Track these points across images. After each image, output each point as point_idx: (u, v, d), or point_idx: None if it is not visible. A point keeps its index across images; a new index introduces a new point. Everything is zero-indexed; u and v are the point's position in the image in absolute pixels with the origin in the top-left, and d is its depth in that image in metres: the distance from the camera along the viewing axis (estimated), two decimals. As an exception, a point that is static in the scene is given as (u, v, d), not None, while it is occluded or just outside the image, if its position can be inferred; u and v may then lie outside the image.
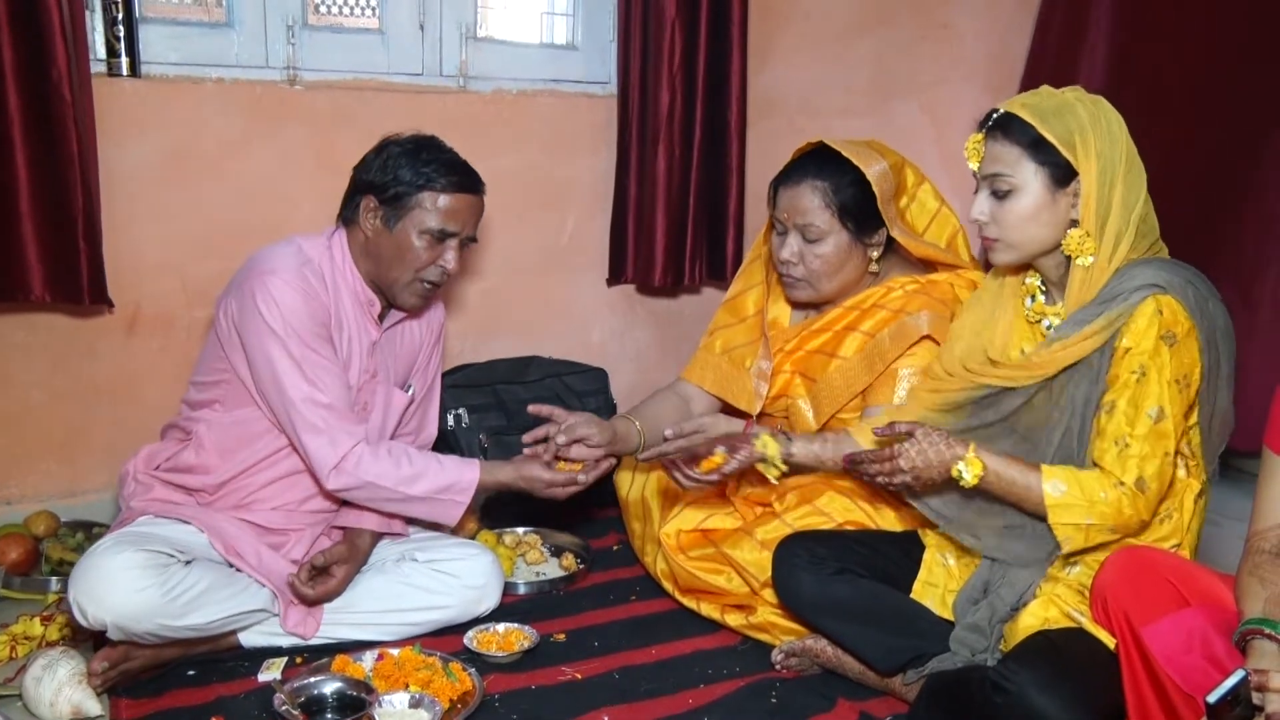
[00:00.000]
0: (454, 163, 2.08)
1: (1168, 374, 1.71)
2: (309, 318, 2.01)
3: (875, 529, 2.13)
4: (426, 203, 2.04)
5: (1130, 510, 1.72)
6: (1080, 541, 1.74)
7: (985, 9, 3.38)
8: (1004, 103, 1.82)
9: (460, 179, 2.07)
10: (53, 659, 1.85)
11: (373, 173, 2.07)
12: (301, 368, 1.99)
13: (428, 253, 2.07)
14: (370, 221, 2.07)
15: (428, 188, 2.04)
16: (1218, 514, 2.07)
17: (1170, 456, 1.74)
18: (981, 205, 1.83)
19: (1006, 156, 1.78)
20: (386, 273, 2.09)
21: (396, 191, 2.04)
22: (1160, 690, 1.51)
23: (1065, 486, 1.74)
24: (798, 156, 2.25)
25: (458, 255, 2.10)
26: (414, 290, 2.11)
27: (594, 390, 2.96)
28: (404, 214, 2.05)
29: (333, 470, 2.01)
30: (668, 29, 2.82)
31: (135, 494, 2.11)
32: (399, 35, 2.77)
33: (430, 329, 2.32)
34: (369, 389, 2.17)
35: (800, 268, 2.21)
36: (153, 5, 2.53)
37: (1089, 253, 1.77)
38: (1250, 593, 1.51)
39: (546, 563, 2.55)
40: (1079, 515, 1.73)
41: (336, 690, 1.84)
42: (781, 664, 2.10)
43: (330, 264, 2.10)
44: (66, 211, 2.29)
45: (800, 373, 2.31)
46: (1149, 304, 1.71)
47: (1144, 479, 1.72)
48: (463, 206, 2.07)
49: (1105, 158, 1.74)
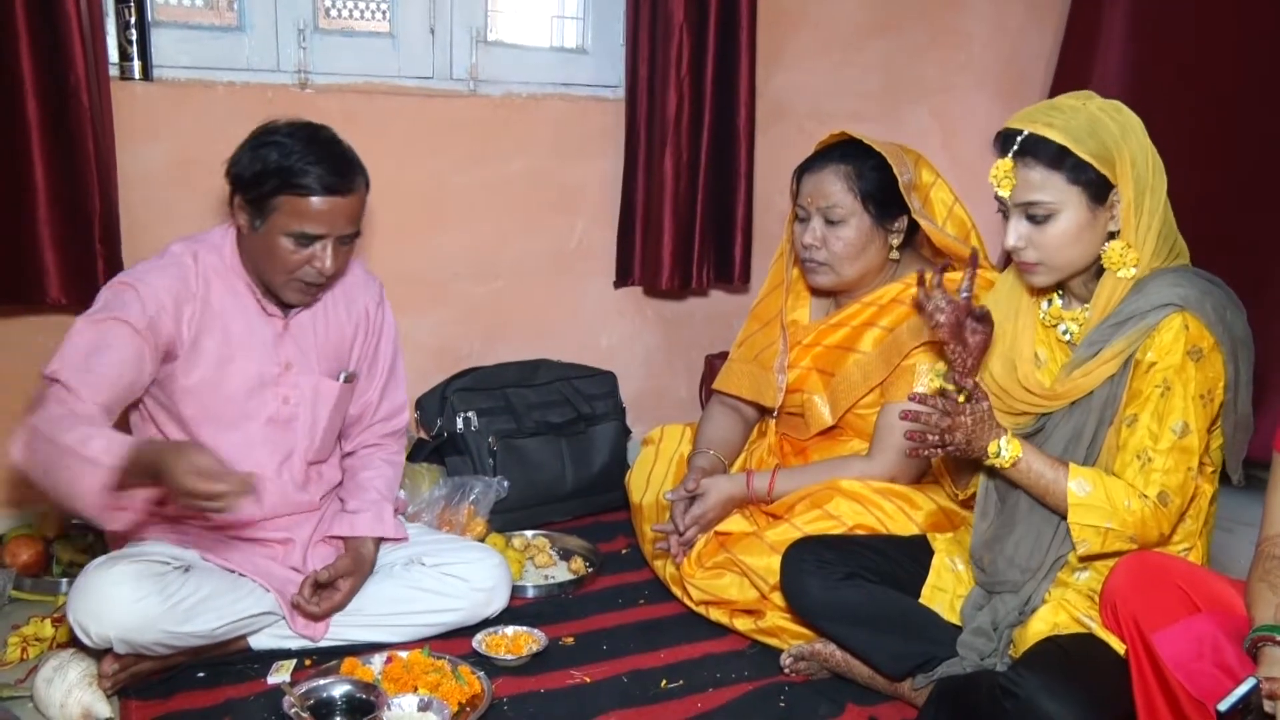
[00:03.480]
0: (322, 158, 1.89)
1: (1193, 389, 1.69)
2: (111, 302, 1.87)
3: (884, 534, 2.13)
4: (288, 206, 1.88)
5: (1152, 523, 1.71)
6: (1096, 545, 1.73)
7: (995, 15, 3.38)
8: (1021, 121, 1.73)
9: (327, 178, 1.88)
10: (63, 660, 1.86)
11: (241, 168, 1.92)
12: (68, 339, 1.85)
13: (295, 255, 1.92)
14: (240, 219, 1.94)
15: (288, 189, 1.87)
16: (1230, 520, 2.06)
17: (1193, 472, 1.72)
18: (1018, 230, 1.75)
19: (1042, 182, 1.71)
20: (262, 272, 1.98)
21: (261, 191, 1.89)
22: (1170, 697, 1.50)
23: (1091, 488, 1.72)
24: (821, 148, 2.29)
25: (335, 254, 1.94)
26: (293, 288, 1.98)
27: (603, 394, 2.96)
28: (268, 214, 1.90)
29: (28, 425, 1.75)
30: (675, 33, 2.83)
31: None
32: (409, 39, 2.78)
33: (361, 315, 2.18)
34: (287, 381, 2.07)
35: (823, 251, 2.24)
36: (165, 9, 2.55)
37: (1131, 264, 1.74)
38: (1261, 599, 1.50)
39: (555, 566, 2.55)
40: (1100, 518, 1.71)
41: (345, 693, 1.85)
42: (790, 668, 2.10)
43: (219, 260, 2.01)
44: (84, 215, 2.30)
45: (818, 368, 2.33)
46: (1174, 319, 1.69)
47: (1167, 493, 1.70)
48: (330, 208, 1.89)
49: (1139, 166, 1.71)
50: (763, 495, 2.26)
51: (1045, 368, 1.87)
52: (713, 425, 2.48)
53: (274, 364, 2.06)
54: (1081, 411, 1.80)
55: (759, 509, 2.30)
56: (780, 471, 2.28)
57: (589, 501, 2.85)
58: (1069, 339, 1.85)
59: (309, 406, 2.11)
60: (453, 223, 2.83)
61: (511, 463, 2.74)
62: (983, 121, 3.36)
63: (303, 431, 2.12)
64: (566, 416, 2.85)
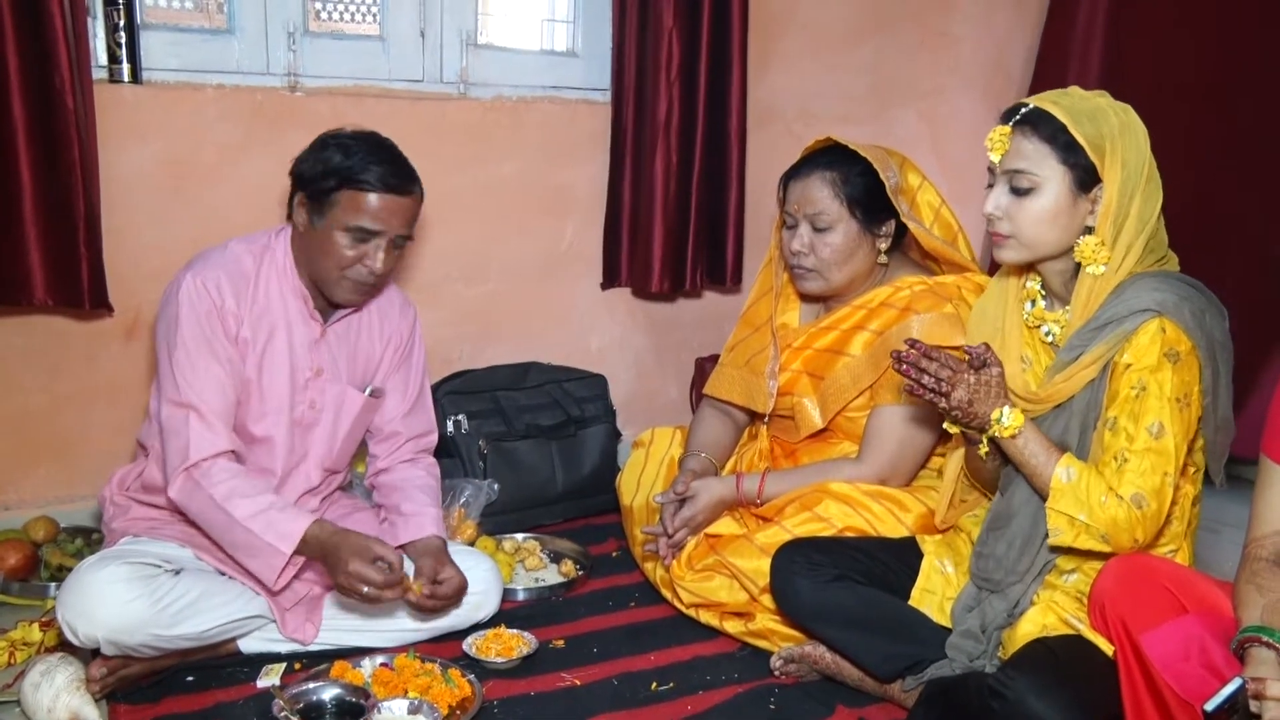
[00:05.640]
0: (384, 160, 2.00)
1: (1169, 390, 1.69)
2: (196, 322, 1.98)
3: (874, 536, 2.14)
4: (349, 201, 1.98)
5: (1125, 525, 1.68)
6: (1068, 536, 1.72)
7: (983, 17, 3.39)
8: (1033, 98, 1.77)
9: (388, 178, 1.99)
10: (51, 665, 1.85)
11: (305, 167, 2.02)
12: (174, 371, 1.96)
13: (351, 251, 2.00)
14: (300, 217, 2.03)
15: (350, 185, 1.97)
16: (1216, 521, 2.08)
17: (1170, 477, 1.70)
18: (998, 199, 1.77)
19: (1033, 153, 1.73)
20: (316, 269, 2.05)
21: (322, 187, 1.98)
22: (1158, 698, 1.51)
23: (1075, 477, 1.72)
24: (808, 153, 2.29)
25: (387, 256, 2.02)
26: (344, 287, 2.05)
27: (593, 397, 2.96)
28: (327, 210, 1.99)
29: (182, 473, 1.93)
30: (664, 38, 2.83)
31: (114, 516, 2.11)
32: (400, 42, 2.77)
33: (396, 332, 2.26)
34: (315, 387, 2.13)
35: (811, 258, 2.25)
36: (154, 11, 2.54)
37: (1102, 261, 1.75)
38: (1248, 600, 1.51)
39: (546, 569, 2.55)
40: (1074, 508, 1.71)
41: (335, 696, 1.84)
42: (780, 670, 2.10)
43: (270, 262, 2.08)
44: (68, 217, 2.30)
45: (808, 371, 2.33)
46: (1151, 324, 1.70)
47: (1141, 495, 1.68)
48: (388, 206, 1.99)
49: (1130, 168, 1.72)
50: (752, 498, 2.27)
51: (1031, 370, 1.88)
52: (704, 428, 2.48)
53: (307, 367, 2.12)
54: (1065, 416, 1.81)
55: (749, 511, 2.31)
56: (770, 474, 2.29)
57: (579, 504, 2.85)
58: (1051, 341, 1.86)
59: (332, 413, 2.17)
60: (443, 225, 2.83)
61: (502, 465, 2.74)
62: (971, 123, 3.38)
63: (323, 437, 2.15)
64: (557, 419, 2.86)
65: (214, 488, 1.92)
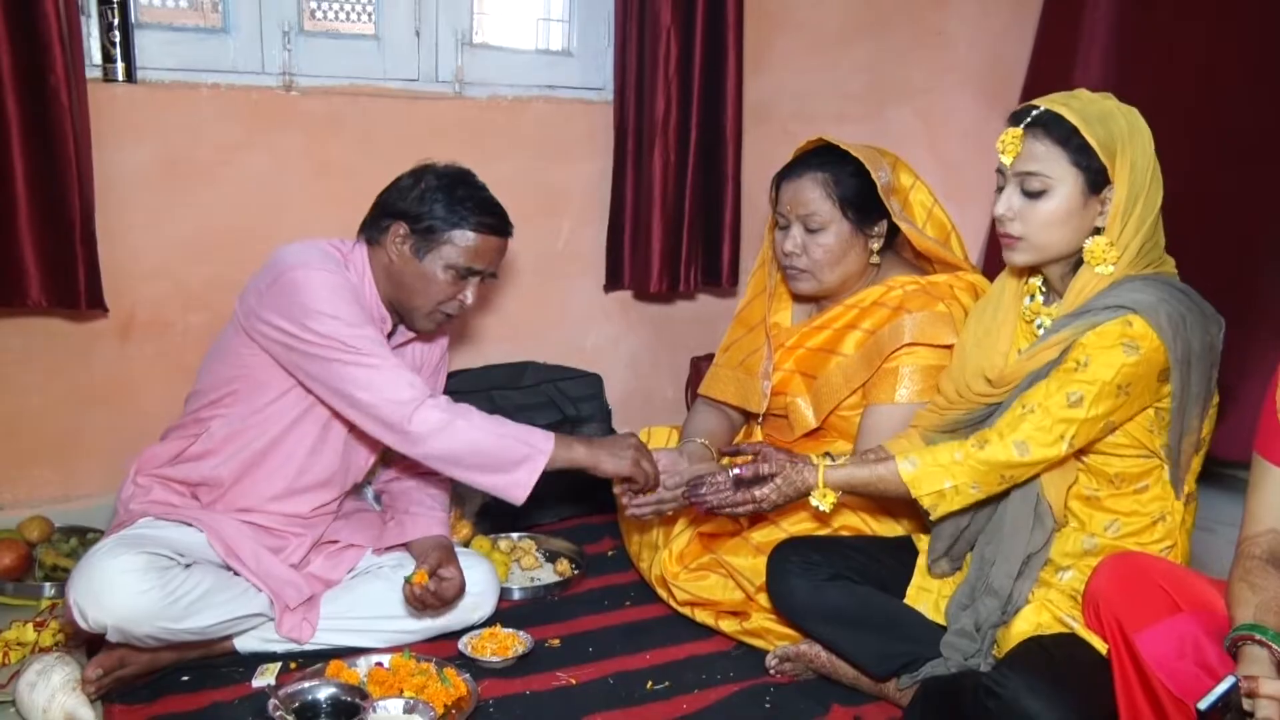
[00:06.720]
0: (488, 202, 2.12)
1: (1110, 374, 1.69)
2: (357, 304, 2.02)
3: (869, 534, 2.14)
4: (458, 240, 2.07)
5: (990, 468, 1.75)
6: (945, 505, 1.79)
7: (979, 16, 3.39)
8: (1043, 100, 1.78)
9: (494, 221, 2.11)
10: (47, 665, 1.85)
11: (408, 201, 2.09)
12: (352, 341, 1.97)
13: (450, 287, 2.10)
14: (397, 247, 2.09)
15: (461, 226, 2.07)
16: (1210, 520, 2.08)
17: (1064, 444, 1.72)
18: (1009, 201, 1.78)
19: (1045, 155, 1.74)
20: (408, 299, 2.12)
21: (430, 224, 2.07)
22: (1152, 696, 1.51)
23: (918, 460, 1.80)
24: (799, 154, 2.29)
25: (476, 290, 2.14)
26: (432, 319, 2.15)
27: (588, 396, 2.96)
28: (434, 248, 2.07)
29: (419, 406, 1.95)
30: (663, 36, 2.83)
31: (134, 497, 2.10)
32: (395, 41, 2.77)
33: (436, 349, 2.36)
34: None
35: (804, 259, 2.24)
36: (149, 11, 2.54)
37: (1110, 261, 1.76)
38: (1241, 599, 1.51)
39: (541, 568, 2.55)
40: (936, 482, 1.78)
41: (331, 695, 1.84)
42: (776, 669, 2.10)
43: (355, 276, 2.11)
44: (63, 217, 2.29)
45: (801, 371, 2.33)
46: (1121, 318, 1.71)
47: (1027, 444, 1.74)
48: (491, 247, 2.12)
49: (1138, 170, 1.73)
50: None
51: None
52: (699, 419, 2.46)
53: None
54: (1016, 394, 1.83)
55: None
56: None
57: (575, 504, 2.85)
58: (1041, 332, 1.87)
59: None
60: (438, 225, 2.82)
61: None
62: (967, 122, 3.38)
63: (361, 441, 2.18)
64: (552, 418, 2.85)
65: (459, 413, 1.99)
